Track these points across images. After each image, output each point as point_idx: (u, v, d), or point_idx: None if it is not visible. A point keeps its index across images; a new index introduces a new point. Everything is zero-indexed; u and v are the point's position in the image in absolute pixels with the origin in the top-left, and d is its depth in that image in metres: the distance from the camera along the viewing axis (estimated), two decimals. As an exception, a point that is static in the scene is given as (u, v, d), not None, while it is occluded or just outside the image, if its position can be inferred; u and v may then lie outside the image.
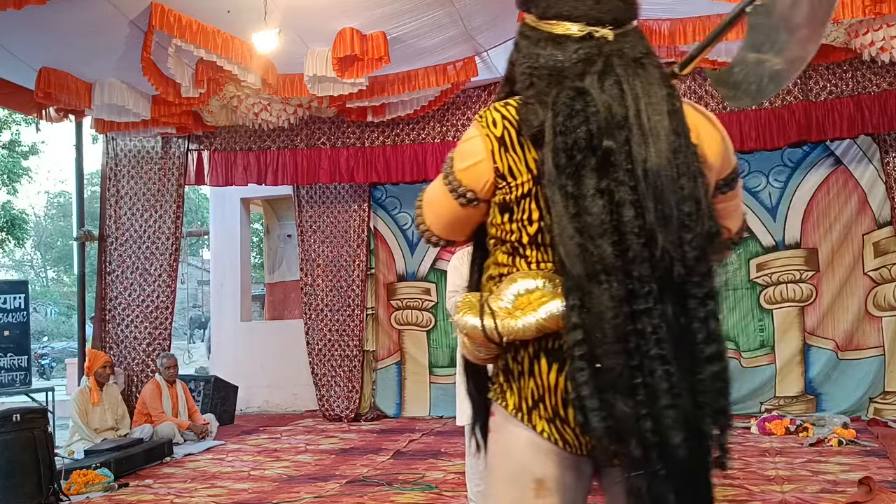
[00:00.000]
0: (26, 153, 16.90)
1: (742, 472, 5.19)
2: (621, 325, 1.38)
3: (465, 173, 1.57)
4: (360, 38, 5.97)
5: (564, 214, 1.43)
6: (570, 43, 1.52)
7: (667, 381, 1.38)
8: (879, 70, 6.70)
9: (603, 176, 1.43)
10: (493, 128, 1.55)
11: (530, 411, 1.52)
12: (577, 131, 1.44)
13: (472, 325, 1.51)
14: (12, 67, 6.30)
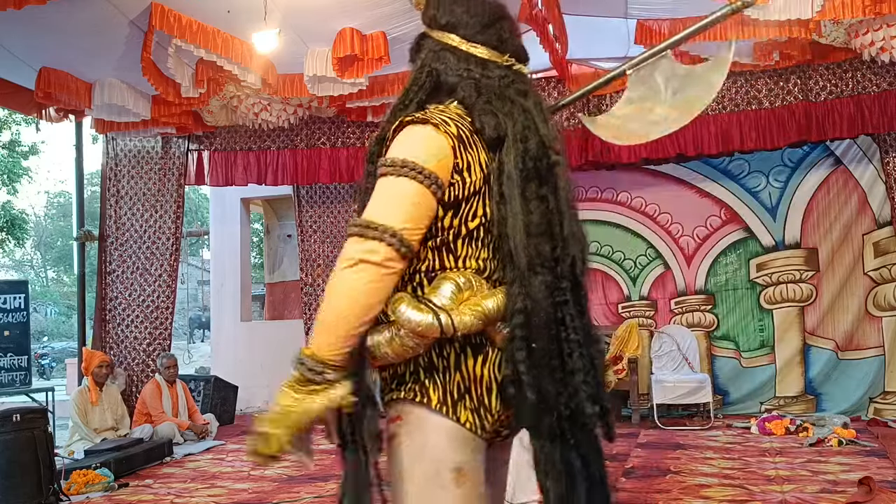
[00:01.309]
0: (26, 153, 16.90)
1: (742, 472, 5.19)
2: (551, 313, 1.57)
3: (438, 166, 1.58)
4: (360, 38, 5.97)
5: (520, 212, 1.60)
6: (496, 68, 1.73)
7: (581, 361, 1.58)
8: (879, 70, 6.70)
9: (542, 184, 1.64)
10: (448, 127, 1.61)
11: (455, 404, 1.59)
12: (529, 142, 1.64)
13: (427, 322, 1.53)
14: (12, 67, 6.30)
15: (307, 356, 1.50)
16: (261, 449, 1.50)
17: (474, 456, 1.61)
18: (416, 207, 1.56)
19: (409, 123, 1.63)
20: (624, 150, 7.36)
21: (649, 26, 6.28)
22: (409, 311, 1.54)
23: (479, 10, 1.78)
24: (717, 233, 7.94)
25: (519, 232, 1.59)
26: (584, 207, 8.25)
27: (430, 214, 1.59)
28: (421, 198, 1.56)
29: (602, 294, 8.24)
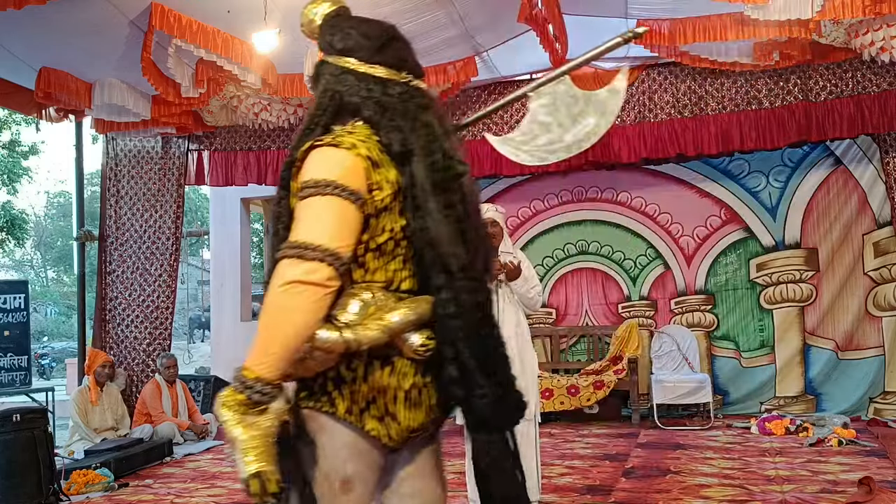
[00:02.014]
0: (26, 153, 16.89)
1: (742, 472, 5.20)
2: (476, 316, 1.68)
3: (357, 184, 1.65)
4: (360, 38, 5.96)
5: (441, 222, 1.68)
6: (395, 86, 1.79)
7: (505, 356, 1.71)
8: (879, 70, 6.70)
9: (451, 194, 1.73)
10: (357, 149, 1.68)
11: (362, 413, 1.67)
12: (434, 155, 1.72)
13: (333, 339, 1.61)
14: (12, 67, 6.30)
15: (253, 380, 1.55)
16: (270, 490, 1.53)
17: (369, 466, 1.71)
18: (347, 224, 1.63)
19: (319, 146, 1.69)
20: (624, 150, 7.37)
21: (649, 26, 6.28)
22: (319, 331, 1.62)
23: (373, 32, 1.85)
24: (717, 233, 7.94)
25: (443, 240, 1.68)
26: (584, 207, 8.29)
27: (359, 229, 1.66)
28: (349, 214, 1.63)
29: (602, 294, 8.24)
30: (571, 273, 8.31)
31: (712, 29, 6.07)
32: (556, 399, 7.30)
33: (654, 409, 7.23)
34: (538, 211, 8.40)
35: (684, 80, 7.33)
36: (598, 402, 7.42)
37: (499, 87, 7.81)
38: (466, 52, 6.76)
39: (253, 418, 1.55)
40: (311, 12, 1.90)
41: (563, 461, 5.80)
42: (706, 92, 7.25)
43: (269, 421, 1.57)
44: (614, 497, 4.70)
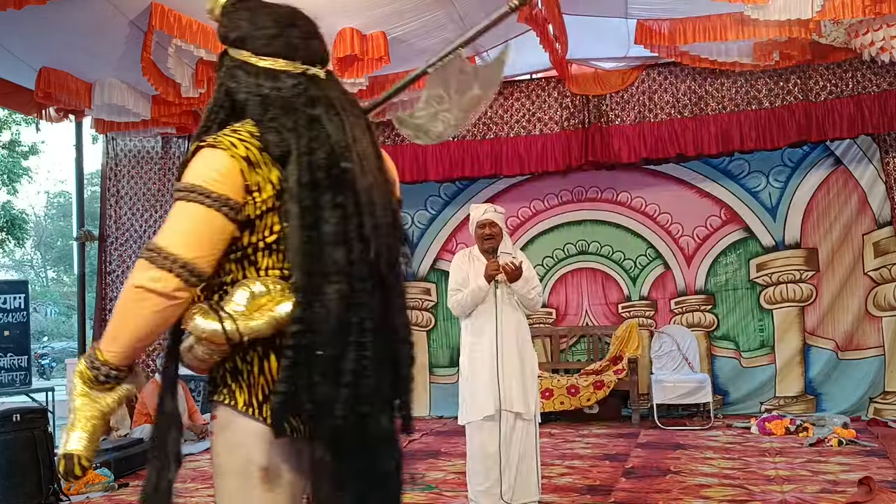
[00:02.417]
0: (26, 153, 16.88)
1: (742, 472, 5.20)
2: (345, 319, 1.61)
3: (228, 188, 1.62)
4: (360, 38, 5.96)
5: (301, 225, 1.62)
6: (287, 78, 1.72)
7: (356, 363, 1.62)
8: (879, 70, 6.70)
9: (337, 192, 1.65)
10: (235, 149, 1.64)
11: (261, 405, 1.65)
12: (317, 153, 1.65)
13: (212, 329, 1.60)
14: (12, 67, 6.30)
15: (101, 362, 1.60)
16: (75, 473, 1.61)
17: (286, 457, 1.69)
18: (208, 232, 1.60)
19: (201, 147, 1.66)
20: (624, 150, 7.37)
21: (649, 26, 6.28)
22: (199, 319, 1.61)
23: (265, 21, 1.78)
24: (717, 233, 7.93)
25: (301, 243, 1.62)
26: (584, 207, 8.29)
27: (224, 237, 1.63)
28: (212, 222, 1.60)
29: (602, 294, 8.24)
30: (571, 273, 8.31)
31: (712, 29, 6.07)
32: (556, 399, 7.30)
33: (654, 409, 7.23)
34: (538, 211, 8.40)
35: (684, 80, 7.33)
36: (598, 402, 7.42)
37: (499, 86, 7.80)
38: (466, 51, 6.73)
39: (98, 394, 1.61)
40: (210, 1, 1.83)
41: (563, 461, 5.80)
42: (706, 92, 7.25)
43: (113, 400, 1.63)
44: (614, 497, 4.70)
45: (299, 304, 1.60)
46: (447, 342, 8.45)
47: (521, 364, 4.22)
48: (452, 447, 6.43)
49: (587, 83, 7.52)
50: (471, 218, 4.47)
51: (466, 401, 4.27)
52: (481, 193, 8.37)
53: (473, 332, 4.29)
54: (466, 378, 4.29)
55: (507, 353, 4.17)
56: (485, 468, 4.14)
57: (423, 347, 8.56)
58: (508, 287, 4.25)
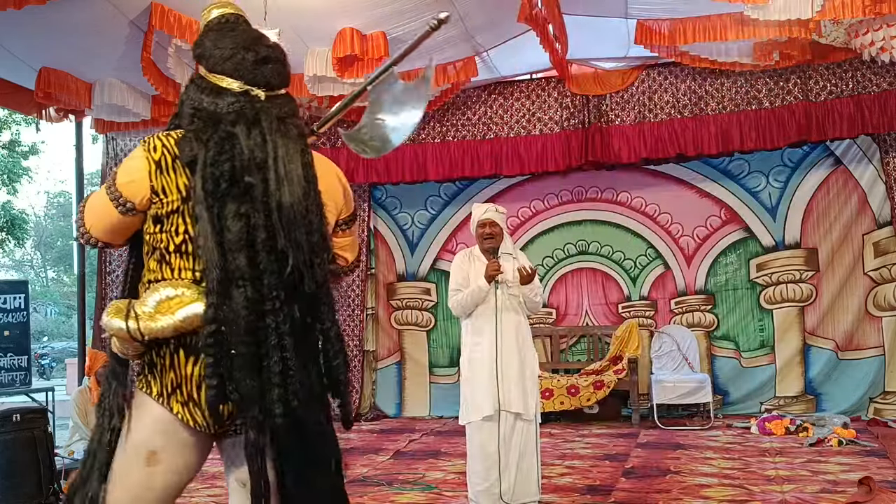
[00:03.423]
0: (26, 153, 16.87)
1: (742, 472, 5.20)
2: (253, 321, 1.76)
3: (126, 187, 1.88)
4: (360, 38, 5.97)
5: (209, 230, 1.78)
6: (229, 95, 1.89)
7: (281, 364, 1.77)
8: (879, 70, 6.70)
9: (242, 203, 1.80)
10: (154, 153, 1.87)
11: (169, 396, 1.87)
12: (223, 165, 1.80)
13: (117, 326, 1.82)
14: (12, 67, 6.30)
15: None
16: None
17: (178, 445, 1.89)
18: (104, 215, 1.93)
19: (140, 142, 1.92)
20: (624, 150, 7.38)
21: (649, 26, 6.28)
22: (106, 317, 1.84)
23: (225, 43, 1.95)
24: (717, 233, 7.93)
25: (209, 248, 1.78)
26: (584, 207, 8.29)
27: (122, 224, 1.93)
28: (108, 208, 1.91)
29: (602, 294, 8.24)
30: (571, 273, 8.31)
31: (712, 29, 6.07)
32: (556, 399, 7.30)
33: (654, 409, 7.23)
34: (538, 211, 8.40)
35: (684, 80, 7.33)
36: (598, 402, 7.42)
37: (499, 87, 7.81)
38: (466, 52, 6.76)
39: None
40: (202, 17, 2.04)
41: (563, 461, 5.80)
42: (706, 92, 7.25)
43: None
44: (614, 497, 4.70)
45: (210, 305, 1.77)
46: (447, 342, 8.45)
47: (520, 364, 4.21)
48: (452, 447, 6.43)
49: (587, 83, 7.52)
50: (472, 217, 4.47)
51: (466, 401, 4.27)
52: (481, 193, 8.37)
53: (474, 332, 4.29)
54: (467, 378, 4.29)
55: (506, 353, 4.17)
56: (484, 468, 4.14)
57: (424, 347, 8.56)
58: (509, 287, 4.25)
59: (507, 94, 7.80)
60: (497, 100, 7.79)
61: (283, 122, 1.91)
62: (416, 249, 8.65)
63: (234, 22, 2.00)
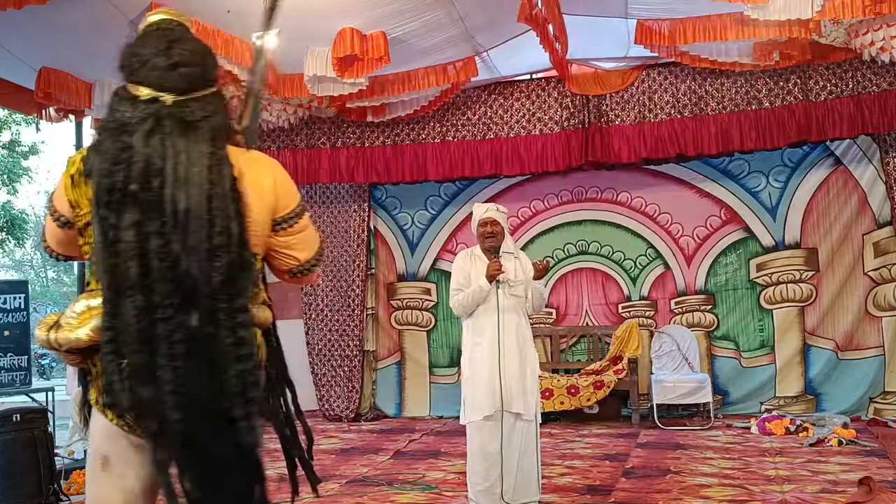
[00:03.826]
0: (26, 153, 16.85)
1: (742, 472, 5.20)
2: (143, 330, 1.75)
3: (56, 200, 1.98)
4: (360, 38, 5.96)
5: (102, 241, 1.80)
6: (140, 103, 1.90)
7: (172, 373, 1.74)
8: (879, 70, 6.69)
9: (136, 212, 1.79)
10: (71, 167, 1.94)
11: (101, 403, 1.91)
12: (116, 175, 1.81)
13: (42, 338, 1.88)
14: (12, 67, 6.30)
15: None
16: None
17: (126, 448, 1.91)
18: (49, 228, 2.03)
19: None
20: (624, 150, 7.37)
21: (649, 26, 6.28)
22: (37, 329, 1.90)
23: (142, 50, 1.96)
24: (717, 233, 7.93)
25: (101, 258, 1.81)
26: (584, 207, 8.29)
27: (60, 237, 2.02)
28: (49, 222, 2.02)
29: (602, 294, 8.24)
30: (571, 273, 8.31)
31: (712, 29, 6.07)
32: (556, 399, 7.30)
33: (654, 409, 7.23)
34: (538, 211, 8.40)
35: (684, 80, 7.32)
36: (598, 402, 7.42)
37: (499, 87, 7.81)
38: (466, 52, 6.76)
39: None
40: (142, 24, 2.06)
41: (563, 461, 5.80)
42: (706, 92, 7.25)
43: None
44: (614, 497, 4.70)
45: (104, 315, 1.80)
46: (447, 342, 8.45)
47: (521, 364, 4.21)
48: (452, 447, 6.43)
49: (587, 83, 7.51)
50: (473, 217, 4.47)
51: (467, 401, 4.27)
52: (481, 193, 8.37)
53: (474, 332, 4.29)
54: (468, 378, 4.29)
55: (507, 353, 4.17)
56: (485, 468, 4.14)
57: (424, 347, 8.57)
58: (511, 287, 4.25)
59: (507, 94, 7.79)
60: (497, 100, 7.79)
61: (191, 125, 1.88)
62: (417, 249, 8.65)
63: (162, 28, 2.02)
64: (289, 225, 2.06)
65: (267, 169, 2.03)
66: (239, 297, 1.83)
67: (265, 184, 1.99)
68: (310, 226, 2.15)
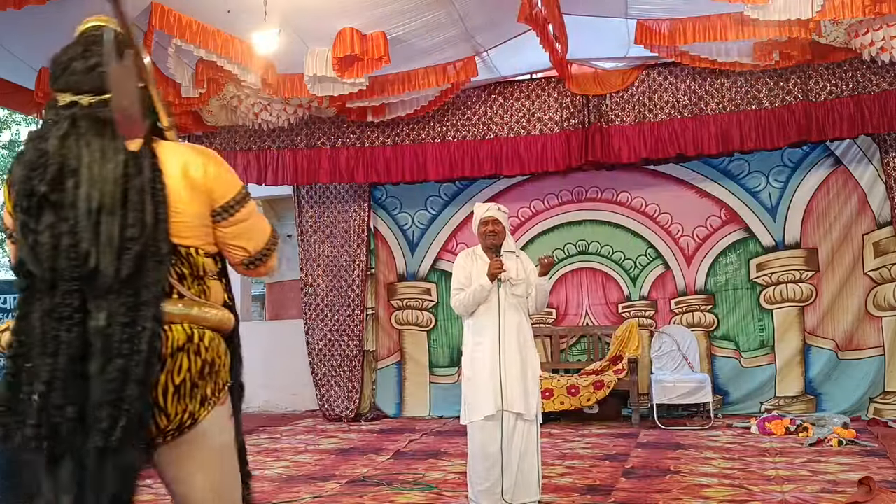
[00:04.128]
0: (26, 153, 16.92)
1: (742, 472, 5.20)
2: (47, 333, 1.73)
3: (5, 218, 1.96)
4: (360, 38, 5.97)
5: (23, 245, 1.81)
6: (61, 108, 1.91)
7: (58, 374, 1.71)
8: (879, 70, 6.70)
9: (52, 214, 1.80)
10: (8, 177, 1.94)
11: None
12: (32, 181, 1.83)
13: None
14: (12, 67, 6.30)
15: None
16: None
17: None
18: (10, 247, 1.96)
19: None
20: (624, 150, 7.37)
21: (649, 26, 6.28)
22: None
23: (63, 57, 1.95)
24: (717, 233, 7.94)
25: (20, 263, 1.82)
26: (584, 207, 8.29)
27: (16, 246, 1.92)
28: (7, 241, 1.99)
29: (602, 294, 8.24)
30: (571, 273, 8.31)
31: (712, 29, 6.07)
32: (556, 399, 7.30)
33: (654, 409, 7.23)
34: (538, 211, 8.40)
35: (684, 80, 7.33)
36: (598, 402, 7.42)
37: (499, 87, 7.82)
38: (466, 52, 6.76)
39: None
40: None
41: (563, 461, 5.80)
42: (706, 92, 7.25)
43: None
44: (614, 497, 4.70)
45: (16, 317, 1.80)
46: (447, 342, 8.45)
47: (522, 364, 4.21)
48: (452, 447, 6.43)
49: (587, 83, 7.52)
50: (474, 216, 4.47)
51: (468, 400, 4.26)
52: (481, 193, 8.37)
53: (476, 331, 4.29)
54: (469, 378, 4.29)
55: (508, 352, 4.17)
56: (485, 468, 4.14)
57: (424, 347, 8.57)
58: (512, 286, 4.25)
59: (507, 94, 7.80)
60: (497, 100, 7.79)
61: (106, 123, 1.87)
62: (417, 249, 8.65)
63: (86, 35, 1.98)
64: (229, 214, 2.01)
65: (197, 160, 1.97)
66: (147, 289, 1.79)
67: (196, 174, 1.94)
68: (254, 214, 2.09)
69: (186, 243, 1.92)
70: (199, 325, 1.90)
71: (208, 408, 1.90)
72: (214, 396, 1.92)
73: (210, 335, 1.92)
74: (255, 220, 2.09)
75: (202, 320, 1.92)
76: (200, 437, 1.90)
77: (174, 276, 1.90)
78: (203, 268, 1.98)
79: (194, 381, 1.86)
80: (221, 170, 2.00)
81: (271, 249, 2.17)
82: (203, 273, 1.98)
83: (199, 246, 1.96)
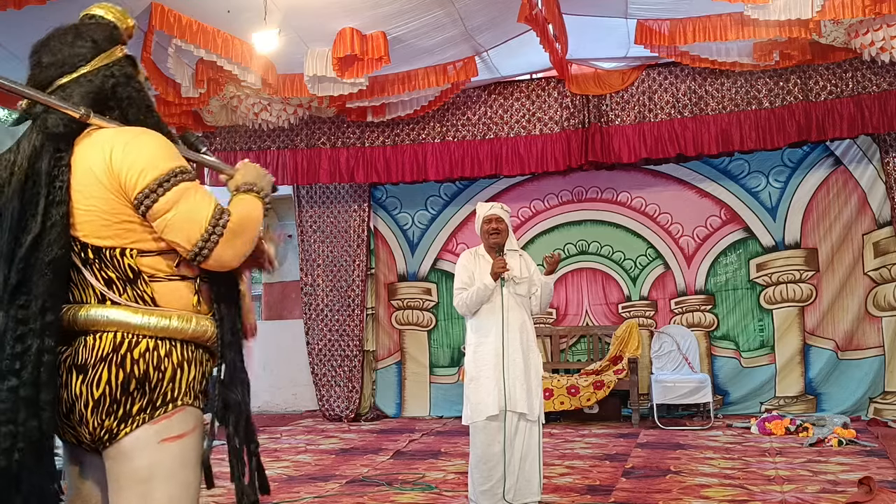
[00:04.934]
0: (26, 153, 16.90)
1: (742, 472, 5.20)
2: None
3: None
4: (360, 38, 5.97)
5: None
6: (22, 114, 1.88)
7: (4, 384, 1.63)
8: (879, 70, 6.70)
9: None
10: None
11: None
12: None
13: None
14: (12, 67, 6.30)
15: None
16: None
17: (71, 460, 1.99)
18: None
19: None
20: (624, 151, 7.38)
21: (649, 26, 6.29)
22: None
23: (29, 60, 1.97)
24: (717, 233, 7.94)
25: None
26: (584, 207, 8.29)
27: None
28: None
29: (602, 294, 8.24)
30: (571, 273, 8.31)
31: (712, 29, 6.07)
32: (557, 399, 7.30)
33: (654, 409, 7.23)
34: (538, 211, 8.40)
35: (684, 80, 7.33)
36: (598, 402, 7.42)
37: (499, 87, 7.82)
38: (466, 52, 6.76)
39: None
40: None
41: (564, 461, 5.80)
42: (706, 92, 7.25)
43: None
44: (614, 497, 4.70)
45: None
46: (447, 342, 8.45)
47: (525, 364, 4.21)
48: (452, 447, 6.43)
49: (587, 83, 7.52)
50: (477, 215, 4.47)
51: (471, 400, 4.25)
52: (481, 193, 8.37)
53: (478, 331, 4.29)
54: (472, 378, 4.27)
55: (512, 352, 4.17)
56: (487, 469, 4.13)
57: (424, 347, 8.57)
58: (516, 285, 4.25)
59: (507, 94, 7.80)
60: (497, 100, 7.79)
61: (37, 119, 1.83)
62: (417, 249, 8.64)
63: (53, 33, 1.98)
64: (146, 207, 1.72)
65: (102, 147, 1.76)
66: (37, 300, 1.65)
67: (96, 165, 1.75)
68: (180, 201, 1.73)
69: (107, 244, 1.73)
70: (136, 334, 1.71)
71: (131, 426, 1.71)
72: (144, 414, 1.71)
73: (147, 345, 1.71)
74: (182, 210, 1.73)
75: (140, 329, 1.71)
76: (122, 456, 1.75)
77: (101, 280, 1.73)
78: (135, 270, 1.74)
79: (114, 396, 1.69)
80: (130, 153, 1.73)
81: (212, 240, 1.75)
82: (136, 276, 1.74)
83: (127, 245, 1.74)
